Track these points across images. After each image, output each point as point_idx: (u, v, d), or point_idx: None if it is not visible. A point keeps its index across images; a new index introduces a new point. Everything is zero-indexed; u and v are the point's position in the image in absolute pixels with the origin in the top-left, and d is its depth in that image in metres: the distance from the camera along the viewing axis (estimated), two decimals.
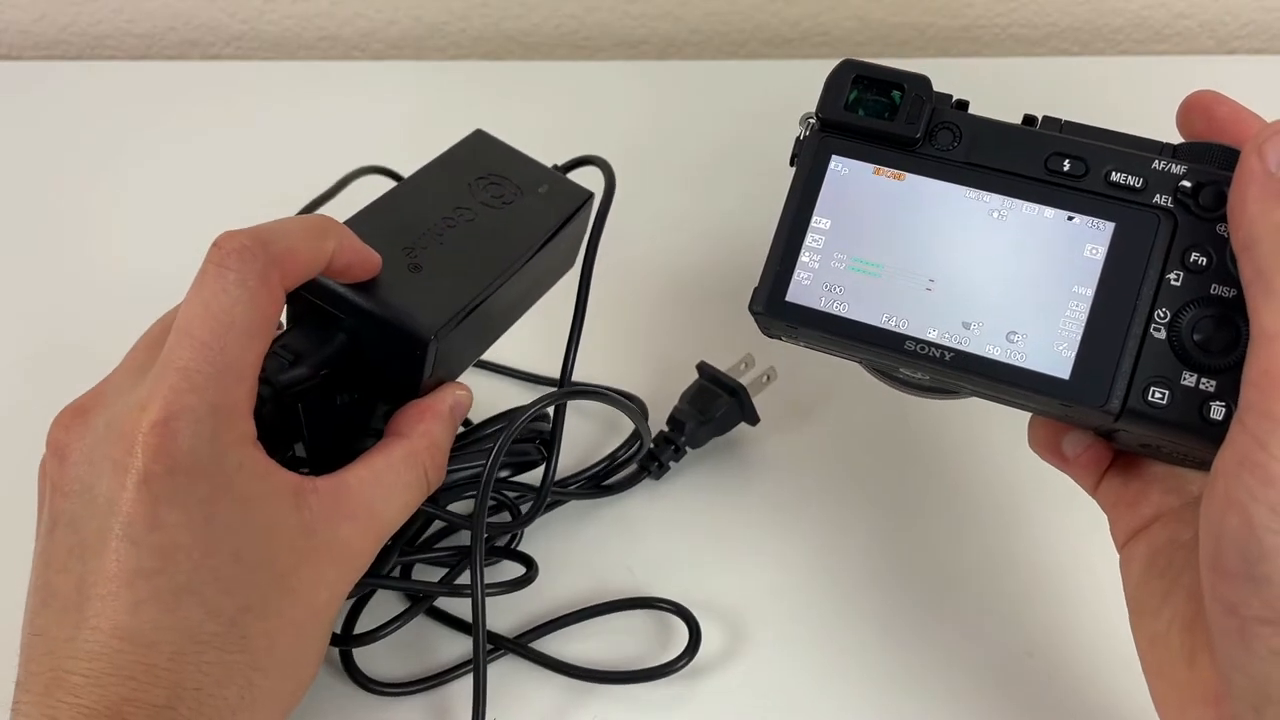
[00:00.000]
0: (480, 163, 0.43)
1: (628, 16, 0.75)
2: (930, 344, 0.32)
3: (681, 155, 0.63)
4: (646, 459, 0.45)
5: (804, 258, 0.34)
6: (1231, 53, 0.76)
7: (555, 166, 0.45)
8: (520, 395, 0.49)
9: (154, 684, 0.29)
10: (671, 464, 0.45)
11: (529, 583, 0.41)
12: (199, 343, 0.31)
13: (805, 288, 0.34)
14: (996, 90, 0.70)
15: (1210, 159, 0.31)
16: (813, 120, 0.35)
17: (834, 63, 0.34)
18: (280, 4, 0.74)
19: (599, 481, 0.45)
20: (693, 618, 0.40)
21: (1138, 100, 0.34)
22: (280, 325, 0.38)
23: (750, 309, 0.34)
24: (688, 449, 0.46)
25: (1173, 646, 0.31)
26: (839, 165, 0.34)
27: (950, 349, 0.32)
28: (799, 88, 0.36)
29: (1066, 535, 0.44)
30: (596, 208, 0.44)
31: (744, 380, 0.46)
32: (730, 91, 0.68)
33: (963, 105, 0.34)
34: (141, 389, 0.31)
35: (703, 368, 0.46)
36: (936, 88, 0.34)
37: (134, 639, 0.29)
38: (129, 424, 0.30)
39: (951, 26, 0.74)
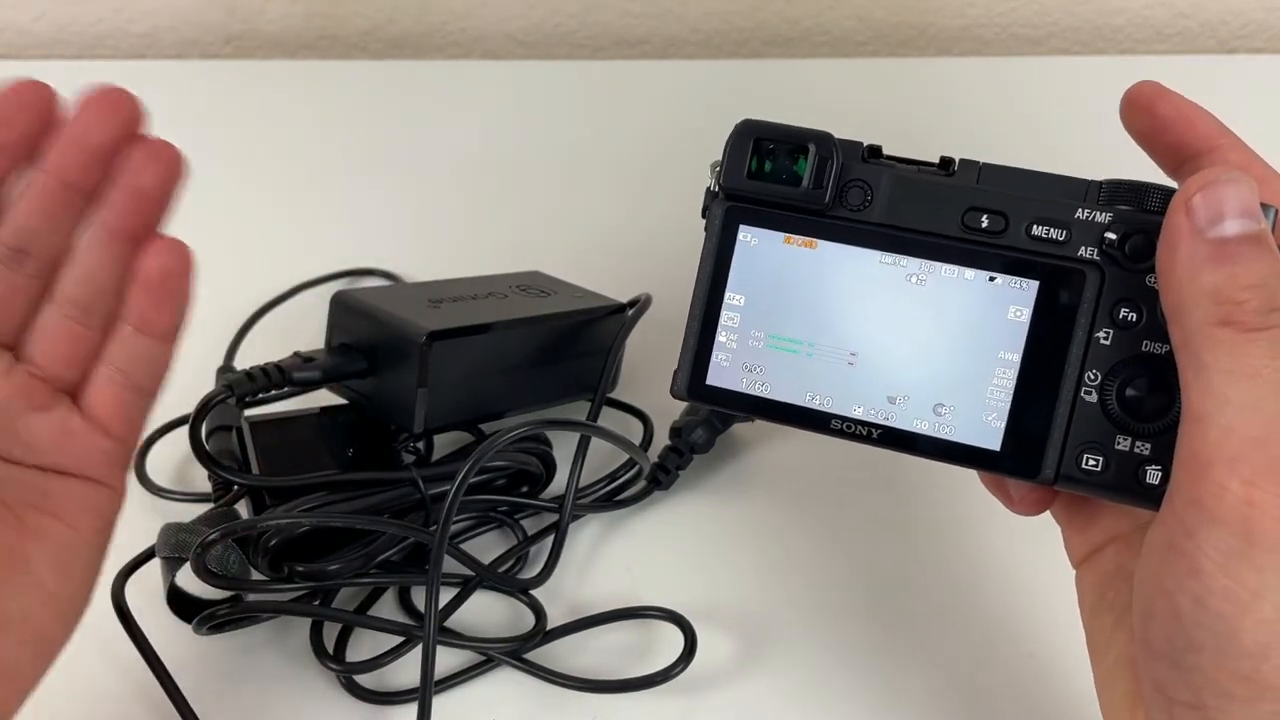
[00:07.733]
0: (526, 279, 0.48)
1: (628, 16, 0.75)
2: (856, 422, 0.31)
3: (682, 155, 0.63)
4: (655, 471, 0.45)
5: (720, 338, 0.32)
6: (1232, 52, 0.76)
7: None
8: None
9: None
10: (679, 472, 0.45)
11: (534, 637, 0.39)
12: None
13: (724, 370, 0.32)
14: (997, 90, 0.70)
15: (1138, 199, 0.29)
16: (714, 188, 0.32)
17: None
18: (280, 4, 0.74)
19: (611, 499, 0.45)
20: (688, 624, 0.40)
21: None
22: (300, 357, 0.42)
23: (672, 394, 0.33)
24: (692, 455, 0.46)
25: (1118, 690, 0.30)
26: (748, 235, 0.32)
27: (877, 426, 0.31)
28: (799, 87, 0.36)
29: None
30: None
31: None
32: (730, 91, 0.67)
33: (875, 152, 0.31)
34: None
35: None
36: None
37: None
38: None
39: (951, 26, 0.74)
